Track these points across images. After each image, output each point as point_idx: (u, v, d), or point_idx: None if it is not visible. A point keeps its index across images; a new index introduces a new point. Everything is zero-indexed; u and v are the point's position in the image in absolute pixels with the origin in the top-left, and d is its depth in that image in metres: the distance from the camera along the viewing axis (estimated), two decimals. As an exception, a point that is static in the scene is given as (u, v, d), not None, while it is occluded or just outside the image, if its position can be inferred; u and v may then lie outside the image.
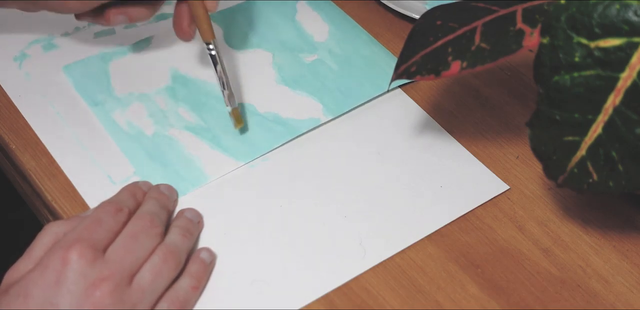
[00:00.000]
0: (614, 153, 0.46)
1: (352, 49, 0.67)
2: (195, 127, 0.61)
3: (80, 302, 0.45)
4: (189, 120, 0.61)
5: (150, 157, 0.59)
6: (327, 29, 0.68)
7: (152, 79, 0.64)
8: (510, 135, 0.62)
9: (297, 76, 0.64)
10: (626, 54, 0.44)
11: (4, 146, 0.60)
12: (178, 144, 0.60)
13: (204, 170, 0.58)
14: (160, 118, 0.61)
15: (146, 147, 0.59)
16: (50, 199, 0.57)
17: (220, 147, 0.60)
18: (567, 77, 0.46)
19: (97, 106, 0.62)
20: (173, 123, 0.61)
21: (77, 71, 0.64)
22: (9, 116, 0.61)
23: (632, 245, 0.56)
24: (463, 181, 0.59)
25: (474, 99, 0.64)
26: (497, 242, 0.56)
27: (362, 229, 0.56)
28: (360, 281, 0.53)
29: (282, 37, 0.67)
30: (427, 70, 0.52)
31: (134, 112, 0.61)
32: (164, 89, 0.63)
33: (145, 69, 0.64)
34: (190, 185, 0.57)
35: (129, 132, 0.60)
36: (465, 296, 0.53)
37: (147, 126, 0.61)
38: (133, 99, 0.62)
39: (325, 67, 0.65)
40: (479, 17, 0.52)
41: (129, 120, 0.61)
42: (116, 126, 0.60)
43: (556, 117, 0.47)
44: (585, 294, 0.53)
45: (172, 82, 0.64)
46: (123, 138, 0.60)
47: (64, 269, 0.46)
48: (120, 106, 0.62)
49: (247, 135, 0.60)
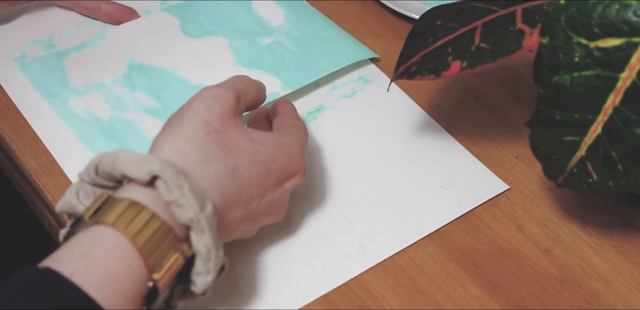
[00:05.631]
0: (614, 153, 0.46)
1: (310, 31, 0.67)
2: (153, 110, 0.61)
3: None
4: (146, 104, 0.62)
5: (106, 139, 0.59)
6: (284, 14, 0.69)
7: (108, 69, 0.64)
8: (510, 135, 0.62)
9: (255, 57, 0.65)
10: (626, 54, 0.44)
11: (5, 146, 0.60)
12: (136, 126, 0.60)
13: None
14: (117, 103, 0.62)
15: (103, 131, 0.60)
16: (50, 199, 0.57)
17: None
18: (567, 77, 0.46)
19: (53, 98, 0.62)
20: (130, 107, 0.61)
21: (32, 69, 0.64)
22: (10, 116, 0.61)
23: (631, 245, 0.56)
24: (463, 181, 0.59)
25: (474, 99, 0.64)
26: (497, 242, 0.56)
27: (362, 229, 0.56)
28: (360, 281, 0.53)
29: (238, 23, 0.68)
30: (427, 70, 0.52)
31: (90, 100, 0.62)
32: (121, 77, 0.63)
33: (102, 61, 0.65)
34: None
35: (85, 119, 0.60)
36: (465, 296, 0.53)
37: (104, 111, 0.61)
38: (89, 88, 0.63)
39: (282, 48, 0.66)
40: (478, 17, 0.52)
41: (86, 108, 0.61)
42: (72, 114, 0.61)
43: (556, 117, 0.47)
44: (585, 294, 0.53)
45: (129, 70, 0.64)
46: (79, 125, 0.60)
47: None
48: (76, 96, 0.62)
49: None
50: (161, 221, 0.42)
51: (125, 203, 0.43)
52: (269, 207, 0.50)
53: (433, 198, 0.58)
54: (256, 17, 0.69)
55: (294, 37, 0.67)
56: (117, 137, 0.59)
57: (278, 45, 0.66)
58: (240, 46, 0.66)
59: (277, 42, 0.66)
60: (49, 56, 0.65)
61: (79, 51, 0.65)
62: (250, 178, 0.47)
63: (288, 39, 0.67)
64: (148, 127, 0.60)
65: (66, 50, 0.65)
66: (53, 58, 0.65)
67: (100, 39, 0.66)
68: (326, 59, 0.65)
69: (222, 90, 0.49)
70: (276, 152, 0.49)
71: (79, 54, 0.65)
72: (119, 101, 0.62)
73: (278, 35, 0.67)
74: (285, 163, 0.49)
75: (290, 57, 0.65)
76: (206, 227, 0.43)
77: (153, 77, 0.63)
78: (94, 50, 0.66)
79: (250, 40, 0.66)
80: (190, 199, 0.42)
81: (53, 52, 0.65)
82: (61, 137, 0.60)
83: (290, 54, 0.65)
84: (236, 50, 0.66)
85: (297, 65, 0.64)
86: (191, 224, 0.43)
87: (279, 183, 0.49)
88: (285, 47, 0.66)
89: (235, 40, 0.66)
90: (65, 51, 0.65)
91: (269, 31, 0.67)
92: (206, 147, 0.46)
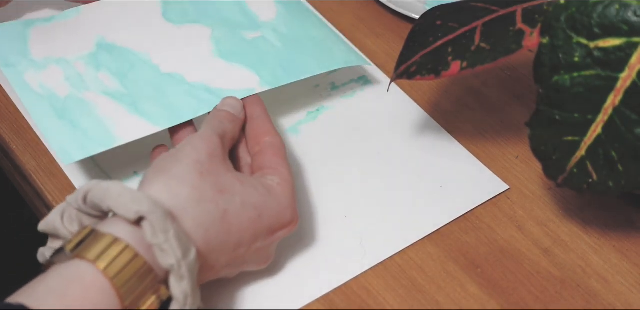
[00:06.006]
0: (614, 153, 0.46)
1: (300, 30, 0.63)
2: (114, 93, 0.57)
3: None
4: (109, 86, 0.57)
5: (58, 117, 0.55)
6: (276, 10, 0.64)
7: (74, 45, 0.59)
8: (510, 135, 0.62)
9: (236, 50, 0.60)
10: (626, 54, 0.44)
11: (5, 146, 0.60)
12: (92, 107, 0.56)
13: (115, 133, 0.54)
14: (77, 82, 0.57)
15: (55, 108, 0.55)
16: (50, 199, 0.57)
17: (138, 112, 0.56)
18: (567, 77, 0.46)
19: (9, 67, 0.57)
20: (90, 87, 0.57)
21: None
22: (10, 116, 0.61)
23: (631, 245, 0.56)
24: (463, 181, 0.59)
25: (474, 99, 0.64)
26: (497, 242, 0.56)
27: (362, 229, 0.56)
28: (360, 281, 0.53)
29: (225, 14, 0.63)
30: (427, 70, 0.52)
31: (49, 75, 0.57)
32: (86, 55, 0.59)
33: (69, 36, 0.60)
34: (98, 146, 0.54)
35: (39, 93, 0.56)
36: (465, 296, 0.53)
37: (61, 88, 0.57)
38: (50, 62, 0.58)
39: (267, 44, 0.61)
40: (479, 17, 0.52)
41: (42, 82, 0.57)
42: (26, 87, 0.56)
43: (556, 117, 0.47)
44: (585, 294, 0.53)
45: (97, 49, 0.59)
46: (32, 98, 0.56)
47: None
48: (35, 68, 0.57)
49: (170, 102, 0.56)
50: (143, 261, 0.42)
51: (108, 239, 0.42)
52: (257, 254, 0.49)
53: (433, 198, 0.58)
54: (245, 9, 0.64)
55: (281, 34, 0.62)
56: (70, 117, 0.55)
57: (263, 41, 0.61)
58: (222, 37, 0.61)
59: (262, 37, 0.62)
60: (14, 24, 0.60)
61: (47, 23, 0.61)
62: (241, 223, 0.47)
63: (275, 35, 0.62)
64: (105, 110, 0.55)
65: (33, 20, 0.61)
66: (18, 26, 0.60)
67: (73, 13, 0.62)
68: (312, 60, 0.61)
69: (206, 134, 0.50)
70: (267, 199, 0.48)
71: (47, 25, 0.61)
72: (80, 79, 0.57)
73: (265, 31, 0.62)
74: (277, 211, 0.49)
75: (274, 54, 0.61)
76: (186, 273, 0.42)
77: (121, 59, 0.59)
78: (63, 24, 0.61)
79: (234, 33, 0.62)
80: (174, 245, 0.42)
81: (19, 21, 0.61)
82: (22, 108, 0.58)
83: (274, 51, 0.61)
84: (217, 40, 0.61)
85: (280, 63, 0.60)
86: (171, 270, 0.42)
87: (270, 232, 0.49)
88: (270, 43, 0.61)
89: (217, 31, 0.62)
90: (32, 21, 0.61)
91: (256, 25, 0.63)
92: (198, 186, 0.46)
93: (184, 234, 0.43)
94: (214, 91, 0.57)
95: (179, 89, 0.57)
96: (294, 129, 0.62)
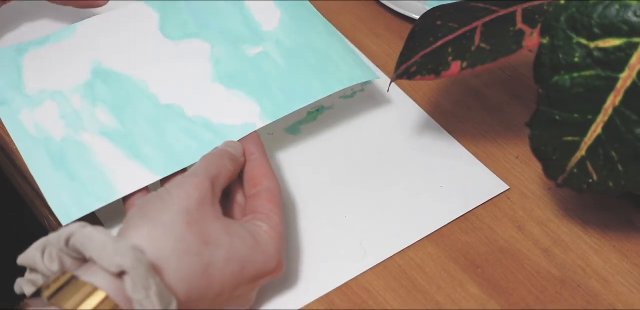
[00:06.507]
0: (614, 153, 0.46)
1: (303, 40, 0.60)
2: (111, 133, 0.55)
3: None
4: (106, 124, 0.55)
5: (54, 167, 0.53)
6: (279, 15, 0.61)
7: (69, 73, 0.57)
8: (510, 135, 0.62)
9: (236, 72, 0.58)
10: (625, 54, 0.44)
11: (5, 146, 0.60)
12: (90, 153, 0.54)
13: (114, 185, 0.53)
14: (73, 120, 0.55)
15: (52, 155, 0.53)
16: (50, 199, 0.57)
17: (136, 157, 0.54)
18: (567, 77, 0.46)
19: (3, 106, 0.55)
20: (87, 126, 0.55)
21: None
22: (10, 116, 0.61)
23: (631, 245, 0.56)
24: (463, 181, 0.59)
25: (474, 99, 0.64)
26: (497, 242, 0.56)
27: (362, 229, 0.56)
28: (360, 281, 0.53)
29: (226, 24, 0.60)
30: (427, 70, 0.52)
31: (44, 113, 0.55)
32: (82, 85, 0.57)
33: (64, 61, 0.58)
34: (96, 200, 0.52)
35: (34, 136, 0.54)
36: (465, 296, 0.53)
37: (57, 129, 0.54)
38: (45, 97, 0.56)
39: (269, 61, 0.59)
40: (478, 17, 0.52)
41: (37, 122, 0.55)
42: (21, 129, 0.54)
43: (556, 117, 0.47)
44: (585, 294, 0.53)
45: (93, 77, 0.57)
46: (27, 144, 0.54)
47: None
48: (29, 105, 0.55)
49: (170, 144, 0.54)
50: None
51: (87, 289, 0.41)
52: (238, 299, 0.48)
53: (433, 198, 0.58)
54: (247, 17, 0.61)
55: (284, 48, 0.60)
56: (67, 164, 0.53)
57: (265, 57, 0.59)
58: (222, 55, 0.59)
59: (264, 52, 0.59)
60: (6, 50, 0.58)
61: (41, 46, 0.58)
62: (223, 276, 0.46)
63: (277, 49, 0.59)
64: (103, 156, 0.54)
65: (26, 45, 0.58)
66: (10, 53, 0.58)
67: (68, 33, 0.59)
68: (316, 81, 0.58)
69: (198, 179, 0.48)
70: (253, 250, 0.48)
71: (40, 49, 0.58)
72: (76, 117, 0.55)
73: (267, 44, 0.59)
74: (261, 262, 0.48)
75: (276, 75, 0.58)
76: None
77: (118, 89, 0.56)
78: (57, 47, 0.58)
79: (234, 48, 0.59)
80: (154, 302, 0.41)
81: (11, 46, 0.58)
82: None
83: (276, 71, 0.58)
84: (216, 60, 0.58)
85: (282, 87, 0.57)
86: None
87: (252, 280, 0.48)
88: (272, 61, 0.59)
89: (217, 47, 0.59)
90: (25, 45, 0.58)
91: (258, 37, 0.60)
92: (184, 238, 0.45)
93: (166, 288, 0.43)
94: (214, 128, 0.55)
95: (178, 125, 0.55)
96: (294, 129, 0.62)
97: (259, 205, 0.51)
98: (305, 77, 0.58)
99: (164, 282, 0.43)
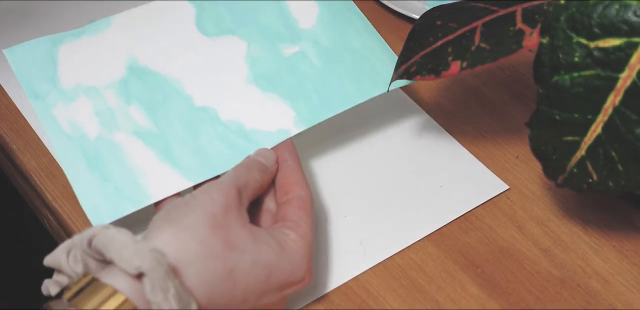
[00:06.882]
0: (614, 153, 0.46)
1: (341, 39, 0.59)
2: (145, 133, 0.54)
3: None
4: (140, 124, 0.54)
5: (89, 167, 0.52)
6: (317, 12, 0.59)
7: (105, 69, 0.56)
8: (510, 135, 0.62)
9: (272, 73, 0.57)
10: (626, 54, 0.44)
11: (5, 146, 0.60)
12: (123, 153, 0.53)
13: (148, 189, 0.52)
14: (108, 118, 0.54)
15: (86, 154, 0.53)
16: (50, 199, 0.57)
17: (170, 160, 0.53)
18: (567, 77, 0.46)
19: (38, 99, 0.54)
20: (121, 126, 0.54)
21: (20, 55, 0.56)
22: (10, 116, 0.61)
23: (631, 245, 0.56)
24: (463, 181, 0.59)
25: (474, 99, 0.65)
26: (496, 242, 0.56)
27: (362, 229, 0.56)
28: (360, 281, 0.53)
29: (263, 21, 0.59)
30: (427, 70, 0.52)
31: (79, 109, 0.54)
32: (117, 82, 0.56)
33: (100, 56, 0.57)
34: (130, 204, 0.51)
35: (69, 134, 0.54)
36: (465, 296, 0.53)
37: (91, 127, 0.54)
38: (80, 92, 0.55)
39: (306, 62, 0.57)
40: (479, 17, 0.52)
41: (72, 118, 0.54)
42: (56, 125, 0.54)
43: (556, 117, 0.47)
44: (585, 294, 0.53)
45: (128, 74, 0.56)
46: (62, 142, 0.53)
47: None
48: (64, 100, 0.55)
49: (203, 149, 0.54)
50: None
51: (108, 291, 0.41)
52: (266, 308, 0.48)
53: (433, 198, 0.58)
54: (285, 14, 0.59)
55: (322, 47, 0.58)
56: (100, 165, 0.53)
57: (302, 58, 0.57)
58: (259, 55, 0.57)
59: (301, 52, 0.57)
60: (41, 42, 0.57)
61: (76, 38, 0.57)
62: (248, 283, 0.45)
63: (315, 49, 0.58)
64: (136, 156, 0.53)
65: (61, 36, 0.57)
66: (45, 45, 0.57)
67: (103, 26, 0.58)
68: (353, 84, 0.56)
69: (225, 186, 0.48)
70: (280, 257, 0.47)
71: (76, 42, 0.57)
72: (110, 115, 0.54)
73: (304, 43, 0.58)
74: (288, 270, 0.47)
75: (313, 77, 0.56)
76: None
77: (153, 87, 0.56)
78: (93, 39, 0.57)
79: (271, 47, 0.58)
80: (172, 304, 0.41)
81: (46, 38, 0.57)
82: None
83: (313, 72, 0.57)
84: (253, 60, 0.57)
85: (318, 91, 0.56)
86: None
87: (279, 289, 0.47)
88: (309, 61, 0.57)
89: (254, 45, 0.58)
90: (60, 37, 0.57)
91: (296, 36, 0.58)
92: (208, 241, 0.45)
93: (185, 291, 0.42)
94: (248, 134, 0.54)
95: (212, 130, 0.54)
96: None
97: (289, 213, 0.50)
98: (342, 81, 0.57)
99: (184, 285, 0.43)
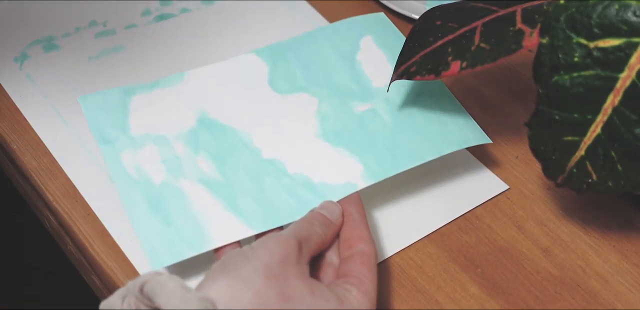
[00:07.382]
0: (613, 153, 0.46)
1: (413, 98, 0.58)
2: (211, 182, 0.54)
3: None
4: (206, 173, 0.54)
5: (151, 210, 0.53)
6: (390, 71, 0.59)
7: (175, 120, 0.57)
8: (510, 135, 0.62)
9: (342, 129, 0.57)
10: (625, 54, 0.44)
11: (5, 146, 0.60)
12: (187, 199, 0.53)
13: (209, 234, 0.52)
14: (174, 166, 0.55)
15: (149, 198, 0.53)
16: (51, 199, 0.57)
17: (234, 209, 0.53)
18: (567, 77, 0.46)
19: (107, 144, 0.56)
20: (187, 173, 0.54)
21: (92, 103, 0.58)
22: (10, 116, 0.61)
23: (631, 245, 0.56)
24: (463, 181, 0.59)
25: (474, 99, 0.65)
26: (496, 241, 0.56)
27: (362, 229, 0.56)
28: (360, 281, 0.53)
29: (335, 79, 0.59)
30: (427, 70, 0.52)
31: (146, 156, 0.55)
32: (187, 132, 0.57)
33: (171, 108, 0.58)
34: (190, 249, 0.51)
35: (134, 178, 0.54)
36: (465, 296, 0.53)
37: (157, 173, 0.54)
38: (149, 140, 0.56)
39: (377, 119, 0.57)
40: (478, 17, 0.52)
41: (138, 164, 0.55)
42: (122, 169, 0.55)
43: (556, 117, 0.47)
44: (585, 294, 0.53)
45: (198, 125, 0.57)
46: (126, 185, 0.54)
47: None
48: (132, 147, 0.56)
49: (269, 200, 0.53)
50: None
51: None
52: None
53: (433, 198, 0.58)
54: (358, 72, 0.60)
55: (393, 105, 0.57)
56: (163, 209, 0.53)
57: (373, 115, 0.57)
58: (329, 111, 0.57)
59: (372, 110, 0.57)
60: (114, 92, 0.58)
61: (149, 91, 0.59)
62: None
63: (386, 106, 0.57)
64: (200, 203, 0.53)
65: (134, 88, 0.59)
66: (118, 95, 0.58)
67: (176, 80, 0.60)
68: (424, 142, 0.55)
69: (284, 238, 0.47)
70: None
71: (148, 93, 0.59)
72: (178, 163, 0.55)
73: (376, 101, 0.58)
74: None
75: (383, 134, 0.56)
76: None
77: (222, 139, 0.56)
78: (165, 92, 0.59)
79: (342, 104, 0.58)
80: None
81: (119, 88, 0.59)
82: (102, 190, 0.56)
83: (383, 130, 0.56)
84: (323, 116, 0.57)
85: (388, 147, 0.55)
86: None
87: None
88: (380, 118, 0.57)
89: (325, 102, 0.58)
90: (133, 88, 0.59)
91: (368, 94, 0.58)
92: (262, 293, 0.44)
93: None
94: (315, 187, 0.54)
95: (279, 181, 0.54)
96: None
97: (351, 269, 0.48)
98: (413, 138, 0.56)
99: None
